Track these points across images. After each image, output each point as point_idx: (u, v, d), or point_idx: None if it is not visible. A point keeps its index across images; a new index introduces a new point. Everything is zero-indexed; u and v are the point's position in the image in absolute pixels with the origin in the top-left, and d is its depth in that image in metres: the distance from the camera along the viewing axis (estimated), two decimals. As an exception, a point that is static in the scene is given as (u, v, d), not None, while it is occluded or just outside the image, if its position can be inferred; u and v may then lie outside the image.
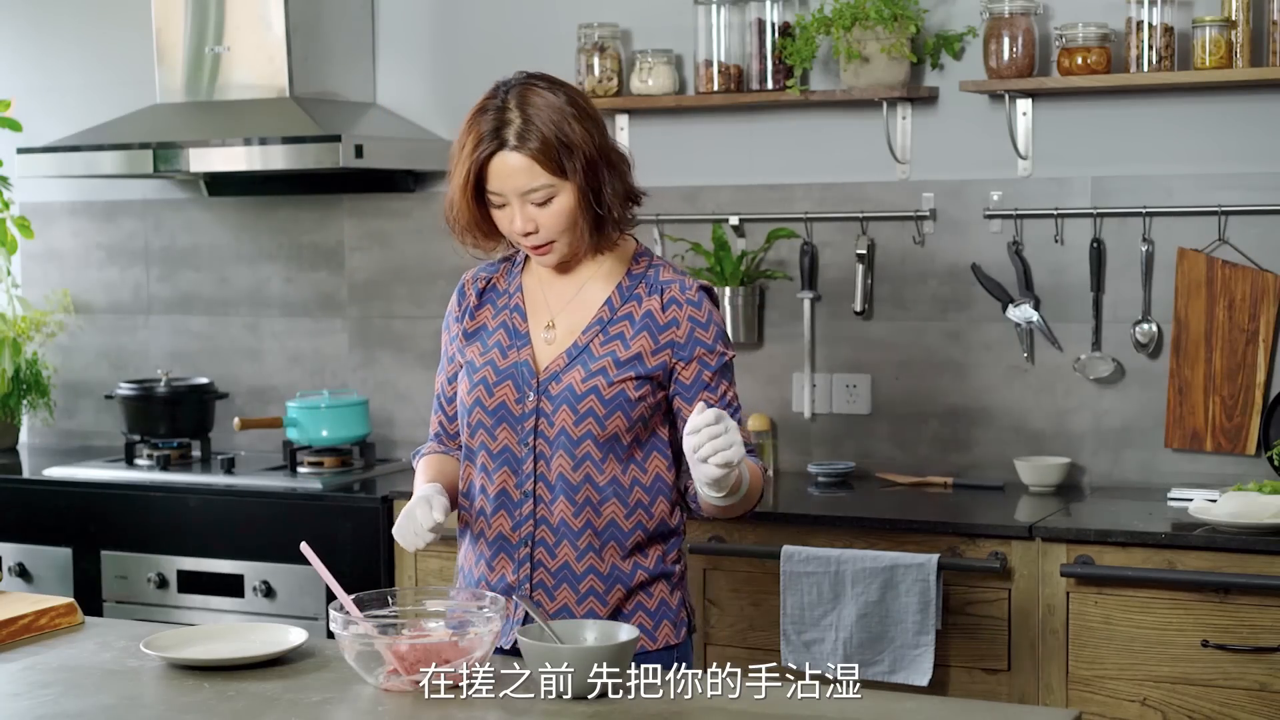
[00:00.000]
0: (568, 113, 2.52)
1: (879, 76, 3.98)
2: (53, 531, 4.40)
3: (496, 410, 2.63)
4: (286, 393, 4.74)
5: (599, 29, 4.25)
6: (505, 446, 2.63)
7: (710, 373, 2.62)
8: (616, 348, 2.60)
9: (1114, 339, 3.96)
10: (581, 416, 2.58)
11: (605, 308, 2.64)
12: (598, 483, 2.60)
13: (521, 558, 2.62)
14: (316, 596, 4.05)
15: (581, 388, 2.58)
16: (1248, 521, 3.32)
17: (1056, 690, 3.44)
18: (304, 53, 4.45)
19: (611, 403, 2.58)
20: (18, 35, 5.07)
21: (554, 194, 2.54)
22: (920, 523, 3.58)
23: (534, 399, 2.61)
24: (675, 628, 2.66)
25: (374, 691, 2.32)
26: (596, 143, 2.55)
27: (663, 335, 2.61)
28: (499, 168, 2.53)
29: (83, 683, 2.40)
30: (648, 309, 2.62)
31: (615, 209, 2.59)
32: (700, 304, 2.63)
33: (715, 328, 2.64)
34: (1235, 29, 3.68)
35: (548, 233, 2.57)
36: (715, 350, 2.62)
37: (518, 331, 2.66)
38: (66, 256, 5.08)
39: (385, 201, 4.66)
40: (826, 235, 4.20)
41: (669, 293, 2.63)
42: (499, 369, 2.64)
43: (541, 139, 2.50)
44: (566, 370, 2.60)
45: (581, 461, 2.59)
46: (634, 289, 2.64)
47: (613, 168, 2.59)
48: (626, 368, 2.59)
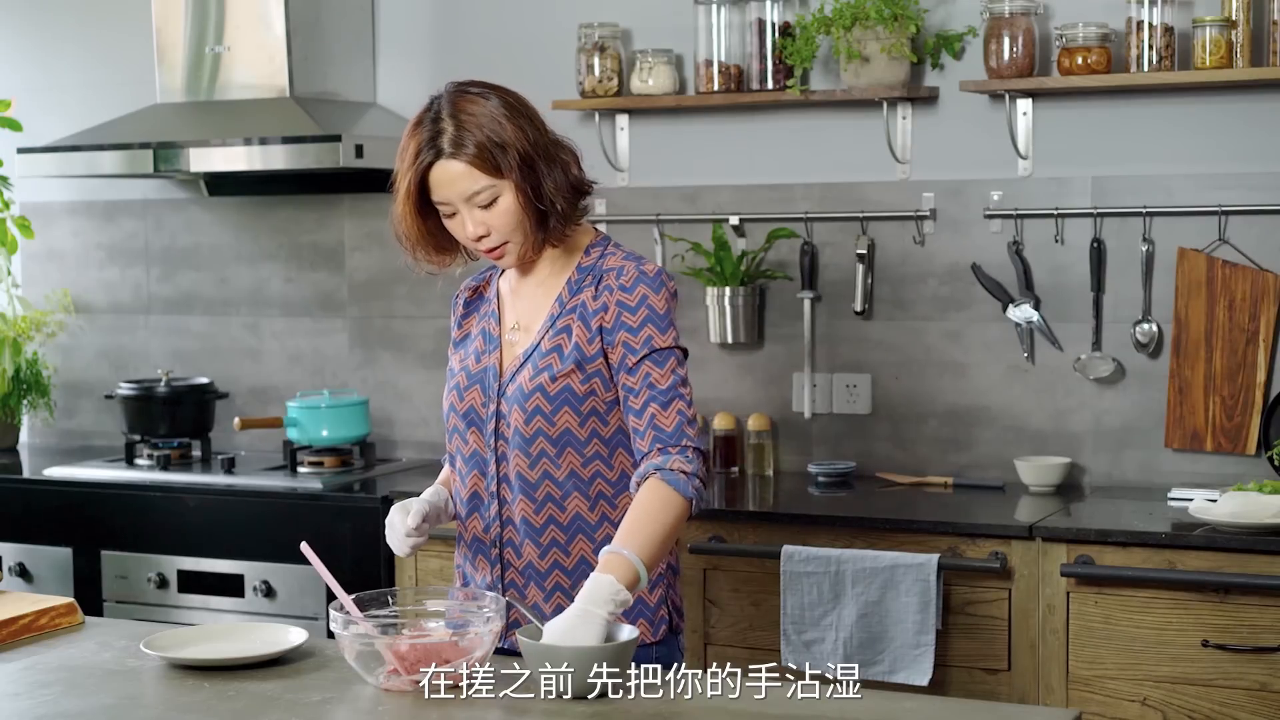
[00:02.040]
0: (499, 114, 2.55)
1: (879, 76, 3.98)
2: (53, 531, 4.40)
3: (467, 414, 2.69)
4: (286, 393, 4.74)
5: (599, 29, 4.25)
6: (475, 450, 2.68)
7: (632, 356, 2.57)
8: (562, 342, 2.62)
9: (1114, 339, 3.96)
10: (530, 415, 2.61)
11: (556, 304, 2.65)
12: (556, 478, 2.61)
13: (494, 558, 2.67)
14: (316, 596, 4.05)
15: (529, 386, 2.61)
16: (1248, 521, 3.32)
17: (1056, 690, 3.44)
18: (304, 53, 4.45)
19: (557, 399, 2.60)
20: (18, 35, 5.07)
21: (497, 194, 2.56)
22: (920, 523, 3.58)
23: (495, 402, 2.65)
24: (652, 626, 2.64)
25: (374, 691, 2.32)
26: (530, 139, 2.56)
27: (593, 320, 2.60)
28: (440, 176, 2.57)
29: (83, 683, 2.40)
30: (584, 299, 2.63)
31: (559, 202, 2.58)
32: (632, 288, 2.59)
33: (647, 311, 2.58)
34: (1235, 29, 3.68)
35: (499, 234, 2.59)
36: (641, 334, 2.57)
37: (491, 335, 2.71)
38: (66, 256, 5.08)
39: (385, 201, 4.57)
40: (826, 235, 4.20)
41: (606, 279, 2.62)
42: (471, 374, 2.70)
43: (476, 143, 2.53)
44: (519, 371, 2.64)
45: (538, 459, 2.61)
46: (581, 281, 2.65)
47: (552, 161, 2.59)
48: (569, 361, 2.60)
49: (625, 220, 4.33)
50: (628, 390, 2.59)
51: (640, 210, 4.32)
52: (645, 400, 2.56)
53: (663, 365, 2.57)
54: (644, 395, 2.57)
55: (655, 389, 2.56)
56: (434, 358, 4.62)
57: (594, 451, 2.62)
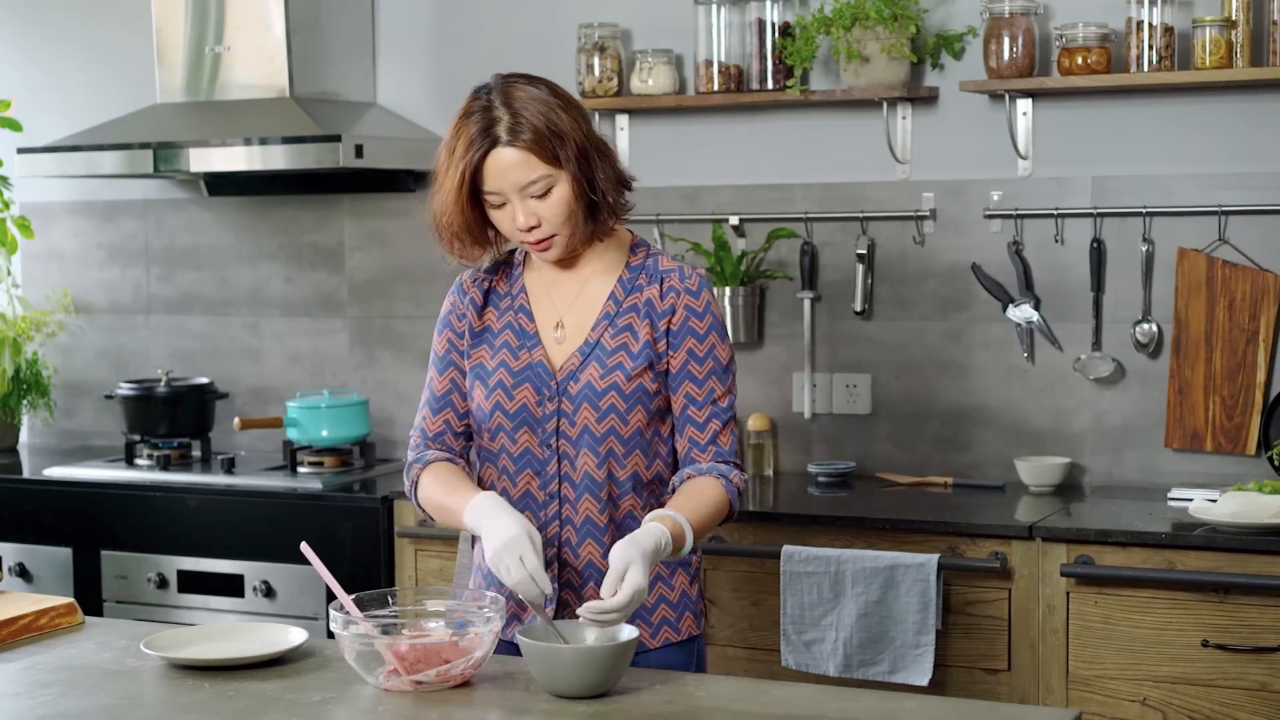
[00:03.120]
0: (553, 103, 2.53)
1: (879, 76, 3.98)
2: (53, 531, 4.40)
3: (518, 414, 2.61)
4: (286, 393, 4.74)
5: (599, 29, 4.25)
6: (526, 449, 2.61)
7: (698, 365, 2.60)
8: (627, 340, 2.60)
9: (1114, 339, 3.96)
10: (604, 414, 2.58)
11: (610, 302, 2.63)
12: (618, 478, 2.60)
13: (549, 557, 2.61)
14: (316, 596, 4.05)
15: (601, 385, 2.58)
16: (1248, 521, 3.32)
17: (1056, 690, 3.44)
18: (304, 53, 4.45)
19: (632, 397, 2.58)
20: (18, 35, 5.07)
21: (552, 184, 2.53)
22: (920, 523, 3.58)
23: (555, 400, 2.60)
24: (696, 618, 2.68)
25: (374, 691, 2.32)
26: (584, 130, 2.55)
27: (660, 322, 2.61)
28: (494, 165, 2.52)
29: (83, 683, 2.40)
30: (648, 297, 2.62)
31: (610, 195, 2.58)
32: (698, 293, 2.62)
33: (711, 319, 2.62)
34: (1235, 29, 3.68)
35: (550, 226, 2.55)
36: (706, 341, 2.61)
37: (525, 332, 2.64)
38: (66, 256, 5.08)
39: (385, 201, 4.66)
40: (826, 235, 4.20)
41: (669, 281, 2.62)
42: (514, 371, 2.62)
43: (533, 130, 2.50)
44: (582, 368, 2.59)
45: (605, 459, 2.59)
46: (635, 280, 2.64)
47: (603, 154, 2.58)
48: (641, 359, 2.59)
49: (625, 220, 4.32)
50: (689, 399, 2.59)
51: (640, 210, 4.28)
52: (709, 415, 2.60)
53: (724, 382, 2.62)
54: (707, 409, 2.60)
55: (718, 406, 2.61)
56: (434, 358, 4.62)
57: (656, 450, 2.62)
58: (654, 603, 2.62)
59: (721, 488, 2.58)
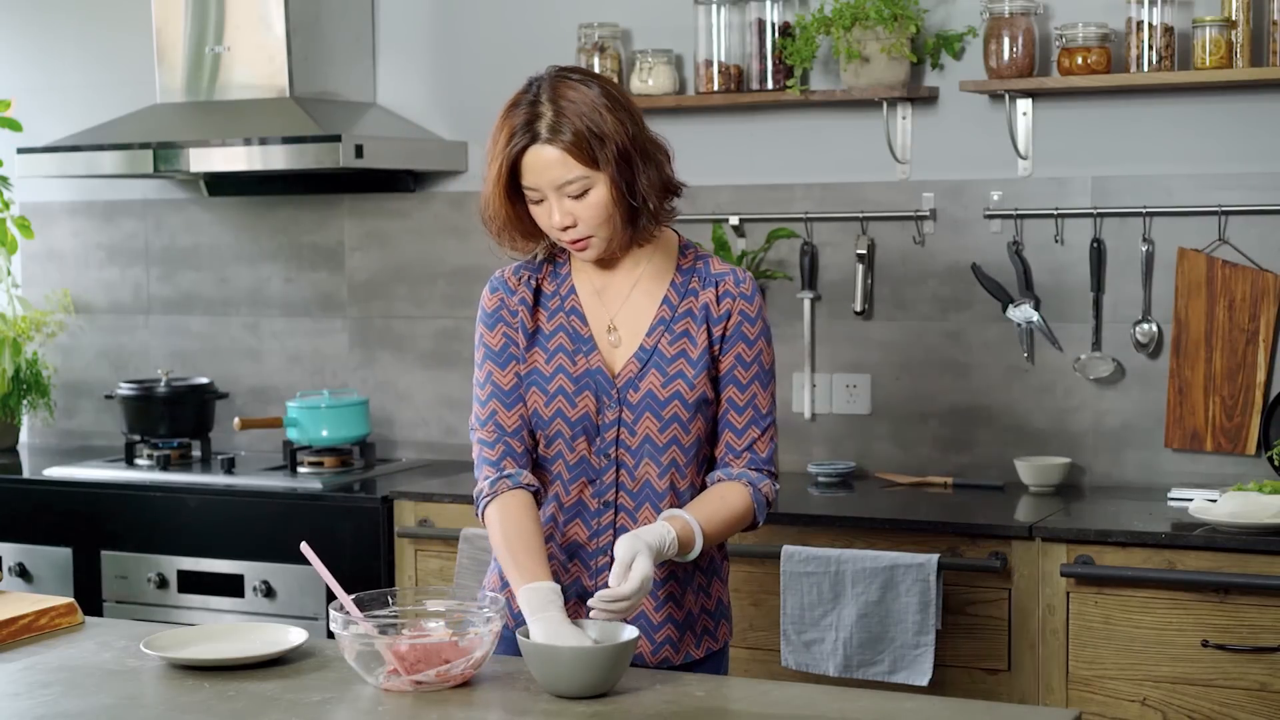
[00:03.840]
0: (600, 104, 2.48)
1: (879, 76, 3.98)
2: (53, 531, 4.40)
3: (579, 422, 2.56)
4: (286, 393, 4.74)
5: (599, 29, 4.25)
6: (582, 457, 2.58)
7: (744, 370, 2.58)
8: (686, 347, 2.57)
9: (1114, 339, 3.96)
10: (667, 423, 2.55)
11: (665, 306, 2.60)
12: (680, 489, 2.58)
13: (599, 566, 2.58)
14: (316, 596, 4.05)
15: (663, 394, 2.55)
16: (1248, 521, 3.32)
17: (1056, 690, 3.44)
18: (304, 53, 4.45)
19: (694, 406, 2.56)
20: (18, 35, 5.07)
21: (589, 186, 2.49)
22: (920, 523, 3.58)
23: (616, 409, 2.56)
24: (729, 624, 2.69)
25: (374, 691, 2.32)
26: (630, 133, 2.49)
27: (716, 328, 2.58)
28: (533, 161, 2.49)
29: (83, 683, 2.40)
30: (705, 302, 2.59)
31: (651, 200, 2.53)
32: (752, 297, 2.61)
33: (762, 324, 2.61)
34: (1235, 29, 3.68)
35: (586, 226, 2.51)
36: (755, 346, 2.59)
37: (580, 335, 2.59)
38: (66, 256, 5.08)
39: (385, 201, 4.66)
40: (826, 235, 4.20)
41: (724, 285, 2.60)
42: (574, 377, 2.57)
43: (574, 131, 2.46)
44: (642, 376, 2.56)
45: (669, 468, 2.56)
46: (688, 283, 2.61)
47: (648, 159, 2.53)
48: (701, 366, 2.57)
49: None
50: (730, 403, 2.58)
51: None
52: (749, 420, 2.59)
53: (766, 388, 2.61)
54: (748, 415, 2.59)
55: (759, 412, 2.60)
56: (434, 358, 4.62)
57: (705, 456, 2.61)
58: (697, 612, 2.61)
59: (748, 496, 2.57)
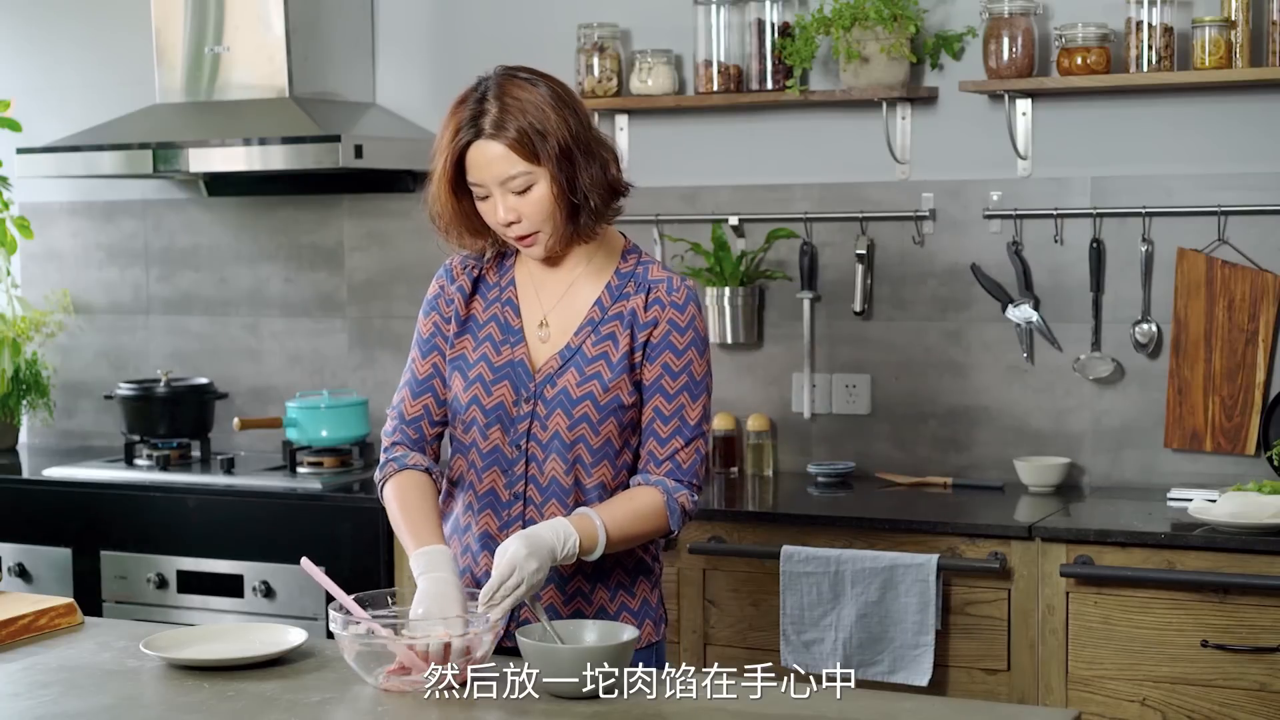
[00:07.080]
0: (545, 102, 2.51)
1: (879, 76, 3.98)
2: (53, 531, 4.40)
3: (493, 410, 2.60)
4: (286, 393, 4.74)
5: (599, 29, 4.25)
6: (496, 446, 2.61)
7: (671, 380, 2.58)
8: (608, 349, 2.58)
9: (1114, 339, 3.96)
10: (576, 421, 2.57)
11: (595, 308, 2.61)
12: (585, 485, 2.59)
13: None
14: (316, 596, 4.05)
15: (576, 393, 2.57)
16: (1247, 521, 3.32)
17: (1056, 690, 3.44)
18: (304, 53, 4.45)
19: (606, 408, 2.57)
20: (18, 35, 5.07)
21: (532, 182, 2.51)
22: (920, 523, 3.58)
23: (530, 402, 2.59)
24: (656, 625, 2.66)
25: (374, 691, 2.32)
26: (572, 131, 2.52)
27: (640, 334, 2.59)
28: (477, 156, 2.52)
29: (82, 683, 2.40)
30: (633, 307, 2.60)
31: (593, 198, 2.54)
32: (684, 306, 2.59)
33: (693, 334, 2.59)
34: (1235, 29, 3.68)
35: (530, 223, 2.54)
36: (684, 357, 2.58)
37: (510, 327, 2.63)
38: (66, 256, 5.08)
39: (385, 201, 4.66)
40: (826, 235, 4.20)
41: (655, 292, 2.60)
42: (494, 366, 2.61)
43: (517, 127, 2.49)
44: (560, 373, 2.58)
45: (573, 465, 2.58)
46: (623, 287, 2.62)
47: (591, 157, 2.54)
48: (619, 370, 2.58)
49: (625, 220, 4.29)
50: (657, 412, 2.58)
51: (639, 210, 4.31)
52: (673, 431, 2.58)
53: (696, 399, 2.59)
54: (673, 425, 2.58)
55: (685, 423, 2.58)
56: (433, 358, 4.62)
57: (624, 461, 2.61)
58: (614, 610, 2.61)
59: (660, 501, 2.56)
